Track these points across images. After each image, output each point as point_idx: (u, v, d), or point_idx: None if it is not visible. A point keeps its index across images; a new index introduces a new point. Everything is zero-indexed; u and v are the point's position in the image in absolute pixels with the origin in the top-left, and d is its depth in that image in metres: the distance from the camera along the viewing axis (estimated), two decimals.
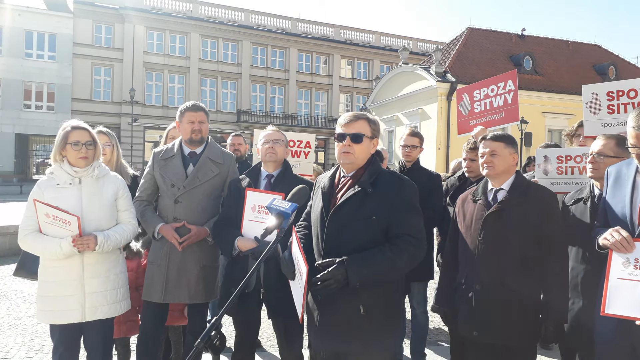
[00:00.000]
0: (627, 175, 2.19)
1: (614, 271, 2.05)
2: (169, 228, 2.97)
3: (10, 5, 28.94)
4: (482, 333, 2.49)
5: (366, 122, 2.28)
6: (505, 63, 24.75)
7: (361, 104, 34.24)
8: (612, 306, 2.02)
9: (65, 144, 2.68)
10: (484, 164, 2.62)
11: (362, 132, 2.23)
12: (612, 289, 2.04)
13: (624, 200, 2.13)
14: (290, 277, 2.20)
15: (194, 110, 3.09)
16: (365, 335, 2.14)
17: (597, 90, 3.43)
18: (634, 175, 2.16)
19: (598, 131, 3.43)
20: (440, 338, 4.76)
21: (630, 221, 2.08)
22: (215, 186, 3.11)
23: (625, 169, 2.24)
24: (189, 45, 33.50)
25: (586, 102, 3.46)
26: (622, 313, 1.99)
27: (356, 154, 2.23)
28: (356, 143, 2.22)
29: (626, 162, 2.28)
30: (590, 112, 3.43)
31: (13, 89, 29.26)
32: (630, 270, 2.01)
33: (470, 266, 2.57)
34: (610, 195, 2.24)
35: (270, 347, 4.38)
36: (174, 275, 2.97)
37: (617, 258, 2.05)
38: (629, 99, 3.25)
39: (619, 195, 2.18)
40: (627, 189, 2.15)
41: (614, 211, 2.18)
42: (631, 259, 2.01)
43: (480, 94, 3.63)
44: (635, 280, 1.99)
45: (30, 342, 4.39)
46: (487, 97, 3.58)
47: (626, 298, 1.99)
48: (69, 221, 2.60)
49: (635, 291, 1.98)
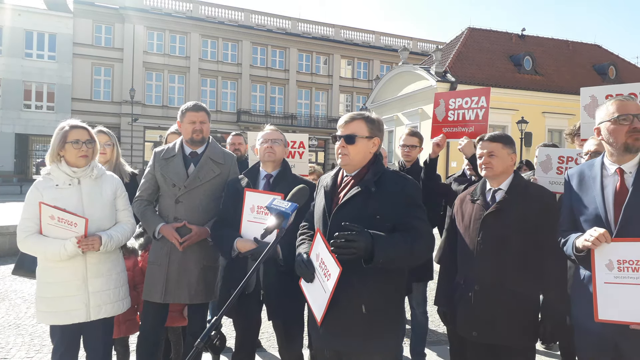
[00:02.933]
0: (592, 176, 2.18)
1: (599, 275, 2.02)
2: (170, 228, 2.96)
3: (10, 5, 28.93)
4: (482, 333, 2.50)
5: (363, 121, 2.26)
6: (505, 63, 24.74)
7: (361, 104, 34.25)
8: (604, 312, 1.99)
9: (64, 143, 2.67)
10: (482, 165, 2.63)
11: (356, 133, 2.23)
12: (600, 294, 2.00)
13: (596, 202, 2.12)
14: (307, 279, 2.18)
15: (195, 110, 3.09)
16: (367, 334, 2.14)
17: (595, 93, 3.42)
18: (600, 176, 2.15)
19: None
20: (440, 338, 4.76)
21: (606, 221, 2.07)
22: (216, 186, 3.11)
23: (588, 170, 2.23)
24: (189, 45, 33.49)
25: (584, 105, 3.46)
26: (616, 318, 1.97)
27: (351, 154, 2.22)
28: (350, 144, 2.21)
29: (587, 163, 2.28)
30: (588, 114, 3.43)
31: (13, 89, 29.25)
32: (615, 272, 1.98)
33: (469, 266, 2.57)
34: (576, 198, 2.22)
35: (270, 347, 4.38)
36: (175, 276, 2.97)
37: (600, 261, 2.01)
38: None
39: (587, 196, 2.17)
40: (596, 189, 2.14)
41: (586, 213, 2.15)
42: (613, 261, 1.98)
43: (455, 103, 3.69)
44: (621, 283, 1.96)
45: (30, 342, 4.40)
46: (461, 108, 3.64)
47: (617, 302, 1.97)
48: (75, 223, 2.60)
49: (623, 295, 1.96)
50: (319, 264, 2.12)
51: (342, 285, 2.08)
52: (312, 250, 2.20)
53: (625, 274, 1.96)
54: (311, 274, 2.15)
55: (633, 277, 1.94)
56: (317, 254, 2.15)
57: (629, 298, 1.94)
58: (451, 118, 3.69)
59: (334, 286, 1.99)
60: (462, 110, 3.63)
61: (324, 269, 2.08)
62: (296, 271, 2.25)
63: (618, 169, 2.11)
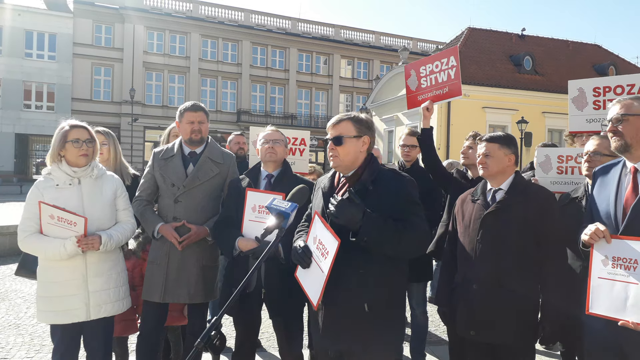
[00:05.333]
0: (613, 174, 2.20)
1: (594, 270, 2.05)
2: (169, 227, 2.97)
3: (10, 5, 28.93)
4: (480, 333, 2.50)
5: (349, 122, 2.27)
6: (505, 63, 24.74)
7: (361, 104, 34.24)
8: (594, 306, 2.03)
9: (65, 142, 2.68)
10: (479, 165, 2.64)
11: (342, 134, 2.23)
12: (593, 288, 2.04)
13: (609, 199, 2.13)
14: (303, 265, 2.18)
15: (193, 110, 3.09)
16: (369, 334, 2.14)
17: (583, 86, 3.46)
18: (620, 174, 2.16)
19: (583, 127, 3.47)
20: (440, 338, 4.76)
21: (614, 218, 2.08)
22: (215, 186, 3.12)
23: (611, 167, 2.24)
24: (189, 45, 33.49)
25: (572, 98, 3.49)
26: (604, 313, 2.00)
27: (340, 155, 2.23)
28: (338, 145, 2.23)
29: (613, 162, 2.29)
30: (576, 107, 3.46)
31: (13, 89, 29.26)
32: (609, 269, 2.00)
33: (469, 266, 2.57)
34: (597, 194, 2.24)
35: (270, 347, 4.39)
36: (174, 275, 2.98)
37: (597, 257, 2.05)
38: (616, 95, 3.26)
39: (604, 193, 2.18)
40: (612, 187, 2.15)
41: (600, 209, 2.18)
42: (609, 257, 2.01)
43: (426, 69, 3.75)
44: (613, 280, 1.99)
45: (30, 342, 4.40)
46: (432, 72, 3.70)
47: (606, 298, 2.00)
48: (75, 222, 2.60)
49: (612, 291, 1.98)
50: (316, 247, 2.13)
51: (343, 285, 2.09)
52: (310, 234, 2.21)
53: (617, 271, 1.98)
54: (308, 259, 2.15)
55: (624, 275, 1.97)
56: (314, 237, 2.16)
57: (618, 295, 1.97)
58: (425, 85, 3.76)
59: (332, 261, 1.98)
60: (433, 75, 3.69)
61: (322, 249, 2.08)
62: (292, 259, 2.25)
63: (633, 167, 2.11)
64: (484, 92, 22.32)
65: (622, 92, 3.26)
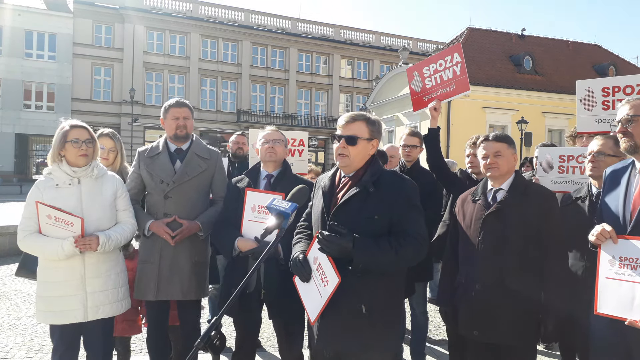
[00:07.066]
0: (623, 175, 2.20)
1: (602, 270, 2.06)
2: (160, 224, 2.97)
3: (10, 5, 28.92)
4: (483, 332, 2.50)
5: (364, 123, 2.26)
6: (505, 63, 24.74)
7: (361, 104, 34.23)
8: (602, 306, 2.04)
9: (65, 142, 2.68)
10: (487, 166, 2.60)
11: (357, 134, 2.23)
12: (601, 288, 2.05)
13: (618, 199, 2.14)
14: (303, 279, 2.20)
15: (178, 106, 3.10)
16: (367, 335, 2.14)
17: (592, 86, 3.42)
18: (629, 174, 2.16)
19: (591, 127, 3.43)
20: (440, 338, 4.76)
21: (622, 218, 2.09)
22: (204, 181, 3.13)
23: (622, 169, 2.25)
24: (189, 45, 33.48)
25: (580, 98, 3.45)
26: (611, 313, 2.00)
27: (351, 156, 2.22)
28: (351, 145, 2.21)
29: (623, 162, 2.29)
30: (584, 107, 3.43)
31: (13, 89, 29.25)
32: (616, 269, 2.01)
33: (470, 266, 2.57)
34: (607, 194, 2.24)
35: (270, 347, 4.38)
36: (166, 272, 2.98)
37: (605, 256, 2.06)
38: (625, 95, 3.24)
39: (613, 193, 2.18)
40: (621, 187, 2.15)
41: (609, 210, 2.18)
42: (616, 257, 2.01)
43: (429, 69, 3.69)
44: (620, 279, 1.99)
45: (30, 342, 4.39)
46: (437, 71, 3.64)
47: (614, 298, 2.00)
48: (71, 222, 2.60)
49: (620, 291, 1.99)
50: (316, 267, 2.14)
51: (342, 285, 2.08)
52: (310, 251, 2.21)
53: (624, 271, 1.99)
54: (307, 274, 2.17)
55: (631, 275, 1.97)
56: (315, 257, 2.16)
57: (625, 294, 1.97)
58: (430, 84, 3.68)
59: (331, 295, 2.01)
60: (438, 74, 3.62)
61: (322, 274, 2.10)
62: (291, 269, 2.27)
63: None
64: (484, 92, 22.30)
65: (632, 92, 3.22)
